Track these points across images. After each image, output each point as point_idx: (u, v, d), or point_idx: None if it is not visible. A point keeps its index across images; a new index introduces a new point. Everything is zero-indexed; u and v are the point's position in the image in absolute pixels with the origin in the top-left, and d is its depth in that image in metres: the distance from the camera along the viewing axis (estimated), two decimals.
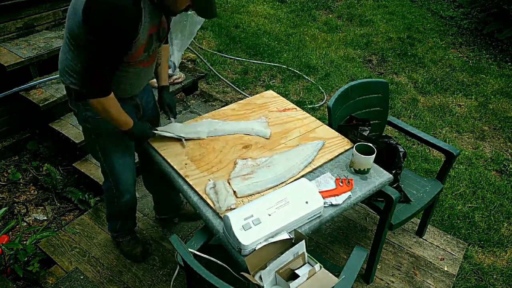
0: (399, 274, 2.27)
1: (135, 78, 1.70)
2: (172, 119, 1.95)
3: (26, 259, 2.05)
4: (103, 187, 2.07)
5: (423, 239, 2.47)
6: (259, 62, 4.32)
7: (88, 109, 1.66)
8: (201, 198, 1.61)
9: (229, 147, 1.86)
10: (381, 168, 1.81)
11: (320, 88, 3.96)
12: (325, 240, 2.43)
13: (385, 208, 1.89)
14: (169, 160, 1.77)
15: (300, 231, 1.46)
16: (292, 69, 4.24)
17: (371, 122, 2.34)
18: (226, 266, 1.41)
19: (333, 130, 2.00)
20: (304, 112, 2.13)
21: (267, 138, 1.93)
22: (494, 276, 2.33)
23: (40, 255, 2.24)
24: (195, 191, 1.64)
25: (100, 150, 1.85)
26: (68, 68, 1.60)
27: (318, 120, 2.07)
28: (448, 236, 2.51)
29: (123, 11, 1.37)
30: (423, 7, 5.95)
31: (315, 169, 1.77)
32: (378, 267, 2.28)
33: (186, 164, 1.76)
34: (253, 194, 1.61)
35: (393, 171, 2.10)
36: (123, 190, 1.98)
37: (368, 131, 2.07)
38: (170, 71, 3.16)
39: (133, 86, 1.74)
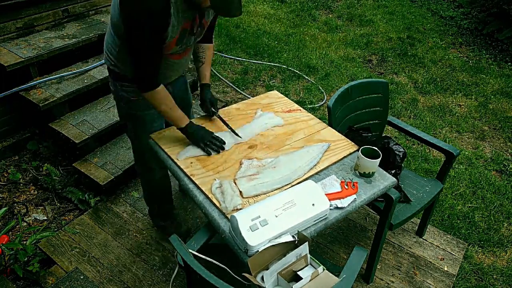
0: (399, 274, 2.27)
1: (167, 69, 1.79)
2: (216, 116, 2.01)
3: (26, 259, 2.05)
4: (135, 168, 2.21)
5: (423, 239, 2.47)
6: (259, 62, 4.32)
7: (124, 89, 1.80)
8: (207, 197, 1.61)
9: (234, 147, 1.86)
10: (385, 172, 1.81)
11: (320, 88, 3.96)
12: (325, 240, 2.43)
13: (385, 208, 1.89)
14: (174, 159, 1.78)
15: (305, 233, 1.45)
16: (292, 69, 4.24)
17: (371, 122, 2.35)
18: (225, 268, 1.41)
19: (338, 133, 2.00)
20: (309, 114, 2.13)
21: (282, 126, 1.99)
22: (494, 276, 2.33)
23: (40, 255, 2.24)
24: (201, 190, 1.64)
25: (132, 130, 1.98)
26: (108, 50, 1.75)
27: (322, 122, 2.07)
28: (448, 236, 2.51)
29: (152, 5, 1.44)
30: (423, 7, 5.95)
31: (320, 171, 1.77)
32: (378, 267, 2.28)
33: (191, 163, 1.76)
34: (259, 195, 1.61)
35: (393, 171, 2.11)
36: (154, 170, 2.07)
37: (368, 137, 2.09)
38: None
39: (165, 76, 1.82)
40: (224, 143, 1.83)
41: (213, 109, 1.99)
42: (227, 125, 1.94)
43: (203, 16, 1.69)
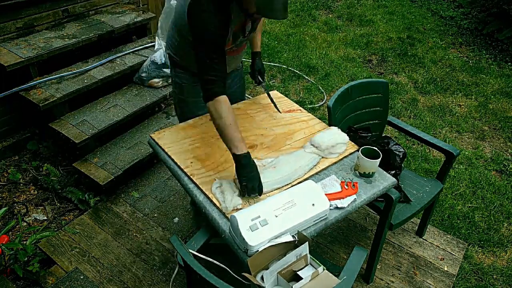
0: (399, 274, 2.27)
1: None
2: (262, 84, 2.12)
3: (26, 259, 2.05)
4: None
5: (423, 239, 2.47)
6: None
7: (177, 75, 1.95)
8: (207, 197, 1.61)
9: None
10: (385, 172, 1.81)
11: (320, 88, 3.96)
12: (325, 240, 2.43)
13: (385, 208, 1.89)
14: (174, 158, 1.78)
15: (305, 233, 1.45)
16: (292, 69, 4.23)
17: (371, 122, 2.35)
18: (226, 268, 1.41)
19: None
20: (309, 114, 2.13)
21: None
22: (494, 276, 2.33)
23: (40, 255, 2.24)
24: (201, 190, 1.64)
25: (179, 114, 2.10)
26: (170, 41, 1.91)
27: (322, 122, 2.07)
28: (448, 236, 2.51)
29: (210, 20, 1.55)
30: (423, 7, 5.95)
31: (320, 171, 1.77)
32: (378, 267, 2.28)
33: (191, 162, 1.76)
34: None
35: (393, 172, 2.11)
36: None
37: (368, 137, 2.09)
38: (168, 71, 3.16)
39: None
40: (261, 192, 1.58)
41: (260, 78, 2.10)
42: (270, 97, 2.10)
43: (255, 21, 1.79)
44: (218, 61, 1.60)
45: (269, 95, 2.14)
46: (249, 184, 1.52)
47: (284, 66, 4.27)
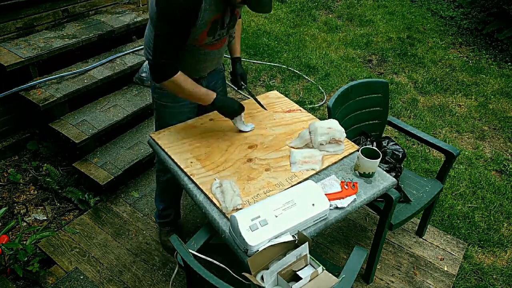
0: (399, 274, 2.27)
1: (203, 59, 1.83)
2: (243, 87, 2.08)
3: (26, 259, 2.05)
4: (155, 161, 2.19)
5: (423, 239, 2.47)
6: (259, 62, 4.32)
7: None
8: (207, 197, 1.61)
9: (234, 147, 1.86)
10: (385, 172, 1.81)
11: (320, 88, 3.96)
12: (325, 240, 2.43)
13: (385, 208, 1.89)
14: (174, 158, 1.78)
15: (305, 233, 1.45)
16: (292, 69, 4.23)
17: (371, 122, 2.35)
18: (226, 267, 1.41)
19: None
20: (309, 114, 2.13)
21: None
22: (494, 276, 2.33)
23: (40, 255, 2.24)
24: (201, 190, 1.64)
25: (157, 120, 2.02)
26: (147, 43, 1.83)
27: None
28: (448, 236, 2.51)
29: (184, 3, 1.51)
30: (423, 7, 5.95)
31: (320, 171, 1.76)
32: (378, 267, 2.28)
33: (191, 162, 1.76)
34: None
35: (393, 174, 2.11)
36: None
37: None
38: None
39: (201, 67, 1.87)
40: (242, 107, 1.88)
41: (243, 83, 2.06)
42: (254, 98, 2.05)
43: (235, 7, 1.73)
44: (179, 44, 1.62)
45: (253, 96, 2.08)
46: (235, 107, 1.82)
47: (284, 66, 4.27)
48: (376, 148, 1.75)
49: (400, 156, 2.21)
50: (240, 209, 1.52)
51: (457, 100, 3.94)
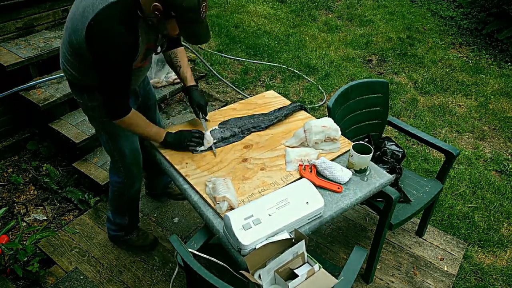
0: (399, 274, 2.27)
1: (137, 75, 1.80)
2: (202, 119, 1.97)
3: (26, 259, 2.05)
4: (111, 181, 2.06)
5: (423, 239, 2.47)
6: (259, 62, 4.32)
7: (92, 99, 1.71)
8: (202, 197, 1.61)
9: (229, 147, 1.86)
10: (381, 169, 1.80)
11: (320, 88, 3.96)
12: (325, 240, 2.43)
13: (385, 208, 1.89)
14: (169, 159, 1.78)
15: (300, 231, 1.45)
16: (292, 69, 4.23)
17: (371, 122, 2.35)
18: (226, 266, 1.41)
19: None
20: (306, 113, 2.13)
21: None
22: (494, 276, 2.33)
23: (40, 255, 2.24)
24: (196, 191, 1.64)
25: (109, 138, 1.87)
26: (68, 64, 1.65)
27: None
28: (448, 236, 2.51)
29: (122, 42, 1.45)
30: (423, 7, 5.95)
31: None
32: (378, 267, 2.28)
33: (186, 163, 1.76)
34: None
35: (393, 175, 2.11)
36: (135, 178, 2.02)
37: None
38: (169, 69, 3.16)
39: (136, 81, 1.85)
40: (202, 134, 1.83)
41: (202, 115, 1.97)
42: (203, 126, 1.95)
43: (165, 36, 1.70)
44: (127, 83, 1.60)
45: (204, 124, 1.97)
46: (186, 142, 1.78)
47: (284, 66, 4.27)
48: (367, 144, 1.76)
49: (400, 156, 2.21)
50: (234, 208, 1.52)
51: (457, 100, 3.94)
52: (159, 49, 1.72)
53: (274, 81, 4.08)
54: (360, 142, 1.77)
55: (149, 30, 1.56)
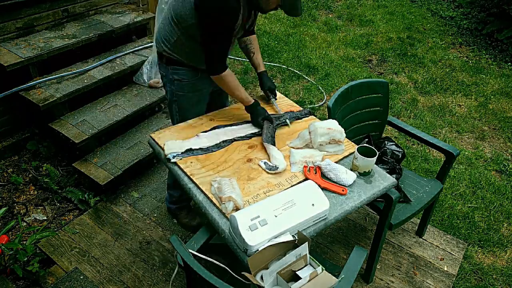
0: (399, 274, 2.27)
1: None
2: (272, 99, 2.16)
3: (26, 259, 2.05)
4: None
5: (423, 239, 2.47)
6: None
7: (175, 72, 1.96)
8: (207, 197, 1.61)
9: (234, 147, 1.86)
10: (385, 172, 1.80)
11: (320, 88, 3.96)
12: (325, 240, 2.43)
13: (385, 208, 1.89)
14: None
15: (305, 233, 1.45)
16: (292, 69, 4.23)
17: (371, 122, 2.35)
18: (226, 267, 1.41)
19: None
20: (314, 116, 2.13)
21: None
22: (494, 276, 2.33)
23: (40, 255, 2.24)
24: (201, 190, 1.64)
25: (178, 110, 2.08)
26: (165, 38, 1.90)
27: None
28: (448, 236, 2.51)
29: (230, 6, 1.67)
30: (423, 7, 5.95)
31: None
32: (378, 267, 2.28)
33: (191, 162, 1.76)
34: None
35: (394, 176, 2.11)
36: None
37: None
38: None
39: None
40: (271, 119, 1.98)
41: (272, 96, 2.17)
42: (280, 114, 2.09)
43: (257, 14, 1.95)
44: (227, 45, 1.82)
45: (276, 106, 2.15)
46: (260, 117, 1.94)
47: (284, 66, 4.27)
48: (372, 147, 1.76)
49: (400, 157, 2.21)
50: (240, 209, 1.52)
51: (457, 100, 3.94)
52: (247, 26, 1.93)
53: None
54: (365, 145, 1.77)
55: (245, 5, 1.75)
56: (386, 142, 2.27)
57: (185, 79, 1.96)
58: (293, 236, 1.43)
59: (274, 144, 1.85)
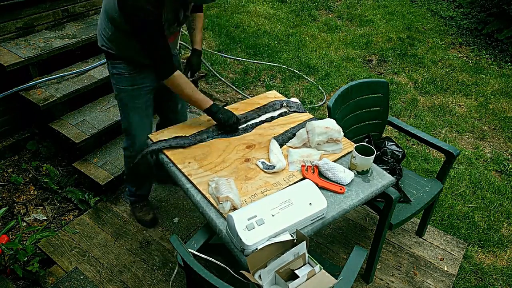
0: (399, 274, 2.27)
1: None
2: (189, 78, 2.10)
3: (26, 259, 2.05)
4: (122, 146, 2.24)
5: (423, 239, 2.47)
6: (259, 62, 4.32)
7: (114, 66, 1.95)
8: (204, 197, 1.61)
9: (232, 147, 1.86)
10: (383, 171, 1.80)
11: (320, 88, 3.96)
12: (325, 240, 2.43)
13: (385, 208, 1.89)
14: (171, 158, 1.78)
15: (302, 232, 1.45)
16: (292, 69, 4.23)
17: (371, 122, 2.35)
18: (225, 266, 1.41)
19: None
20: (308, 113, 2.13)
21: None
22: (494, 276, 2.33)
23: (40, 255, 2.24)
24: (198, 190, 1.64)
25: (121, 106, 2.07)
26: (102, 32, 1.88)
27: None
28: (448, 236, 2.51)
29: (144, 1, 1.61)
30: (423, 7, 5.95)
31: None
32: (378, 267, 2.28)
33: (189, 162, 1.76)
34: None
35: (394, 177, 2.11)
36: (139, 149, 2.10)
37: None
38: None
39: None
40: (238, 121, 1.95)
41: (189, 75, 2.14)
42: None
43: (188, 9, 1.90)
44: (162, 40, 1.74)
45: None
46: (231, 121, 1.89)
47: (284, 66, 4.27)
48: (369, 145, 1.76)
49: (400, 157, 2.21)
50: (237, 208, 1.52)
51: (457, 100, 3.94)
52: (181, 18, 1.86)
53: (274, 81, 4.08)
54: (363, 143, 1.77)
55: (172, 1, 1.73)
56: (386, 142, 2.26)
57: (123, 73, 1.95)
58: (291, 235, 1.43)
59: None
